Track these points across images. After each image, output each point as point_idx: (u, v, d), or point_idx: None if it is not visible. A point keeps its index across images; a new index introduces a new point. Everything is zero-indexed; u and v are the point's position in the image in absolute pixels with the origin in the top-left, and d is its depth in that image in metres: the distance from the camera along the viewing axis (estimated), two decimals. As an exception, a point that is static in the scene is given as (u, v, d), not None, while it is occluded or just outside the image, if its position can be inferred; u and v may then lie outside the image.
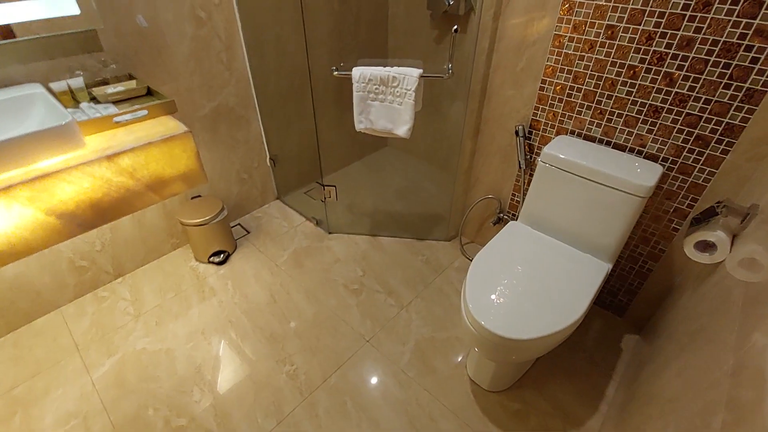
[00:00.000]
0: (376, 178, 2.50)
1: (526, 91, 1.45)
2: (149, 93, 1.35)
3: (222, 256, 1.87)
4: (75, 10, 1.27)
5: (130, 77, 1.42)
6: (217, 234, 1.81)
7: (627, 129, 1.27)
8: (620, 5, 1.13)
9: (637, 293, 1.53)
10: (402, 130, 1.47)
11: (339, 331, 1.57)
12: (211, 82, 1.72)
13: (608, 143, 1.33)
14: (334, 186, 1.88)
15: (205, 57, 1.65)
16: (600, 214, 1.25)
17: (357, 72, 1.43)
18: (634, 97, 1.21)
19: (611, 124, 1.30)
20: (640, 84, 1.19)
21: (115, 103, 1.29)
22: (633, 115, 1.24)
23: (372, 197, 2.32)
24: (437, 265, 1.87)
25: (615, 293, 1.59)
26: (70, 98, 1.25)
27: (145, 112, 1.19)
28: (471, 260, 1.57)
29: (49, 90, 1.23)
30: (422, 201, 2.29)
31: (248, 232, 2.07)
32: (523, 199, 1.57)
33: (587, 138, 1.37)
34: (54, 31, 1.25)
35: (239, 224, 2.13)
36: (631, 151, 1.29)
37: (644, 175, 1.17)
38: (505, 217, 1.75)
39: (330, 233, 2.06)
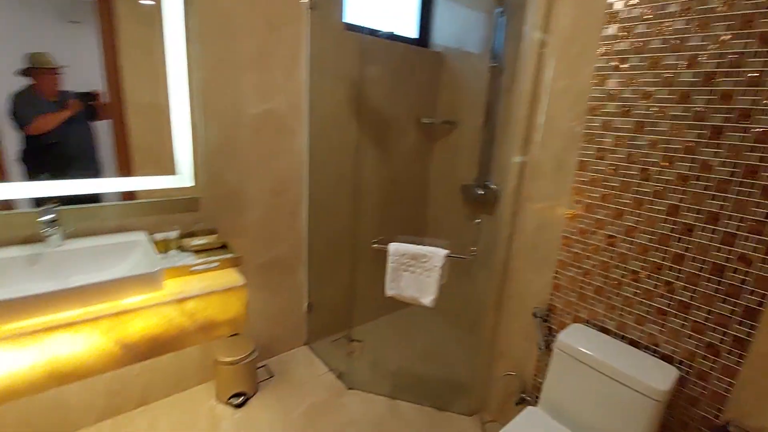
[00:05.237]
0: (404, 336, 2.56)
1: (543, 278, 1.60)
2: (223, 246, 1.66)
3: (241, 398, 1.90)
4: (191, 182, 1.70)
5: (212, 232, 1.76)
6: (242, 375, 1.89)
7: (639, 326, 1.34)
8: (616, 221, 1.35)
9: None
10: (427, 299, 1.63)
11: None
12: (274, 237, 2.06)
13: (623, 338, 1.39)
14: (362, 341, 1.97)
15: (274, 219, 2.03)
16: (618, 414, 1.23)
17: (393, 247, 1.68)
18: (640, 298, 1.32)
19: (623, 320, 1.38)
20: (643, 287, 1.31)
21: (197, 252, 1.59)
22: (641, 314, 1.33)
23: (397, 356, 2.34)
24: (455, 443, 1.77)
25: None
26: (164, 246, 1.57)
27: (216, 263, 1.47)
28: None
29: (150, 238, 1.56)
30: (446, 366, 2.27)
31: (272, 377, 2.12)
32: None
33: (602, 330, 1.43)
34: (168, 196, 1.66)
35: (265, 365, 2.19)
36: (647, 348, 1.33)
37: (659, 377, 1.19)
38: (528, 398, 1.71)
39: (350, 389, 2.05)
